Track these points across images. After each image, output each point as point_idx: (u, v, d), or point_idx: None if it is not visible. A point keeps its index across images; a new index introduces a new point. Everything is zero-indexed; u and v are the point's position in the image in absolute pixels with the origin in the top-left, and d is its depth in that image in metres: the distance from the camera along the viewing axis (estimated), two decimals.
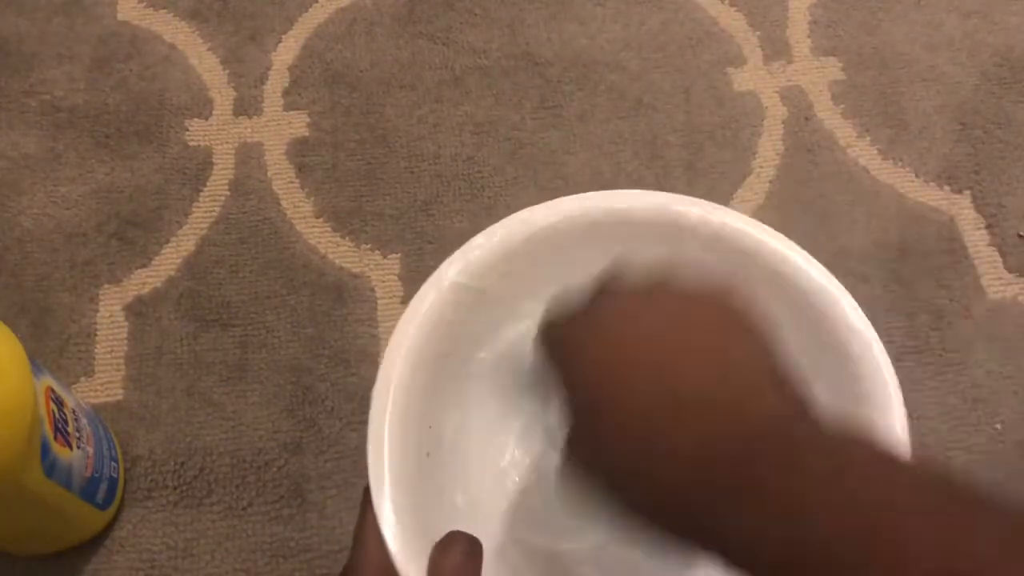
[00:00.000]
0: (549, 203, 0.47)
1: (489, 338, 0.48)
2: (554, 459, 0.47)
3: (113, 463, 0.52)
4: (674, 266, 0.31)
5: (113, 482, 0.51)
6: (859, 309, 0.44)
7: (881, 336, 0.58)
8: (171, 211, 0.63)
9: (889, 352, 0.58)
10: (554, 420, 0.46)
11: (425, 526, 0.38)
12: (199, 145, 0.65)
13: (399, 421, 0.41)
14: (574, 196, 0.47)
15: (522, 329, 0.48)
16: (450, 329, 0.45)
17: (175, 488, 0.53)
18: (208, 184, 0.64)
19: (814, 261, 0.46)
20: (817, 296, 0.45)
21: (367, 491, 0.38)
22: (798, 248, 0.47)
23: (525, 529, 0.46)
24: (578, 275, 0.48)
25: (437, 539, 0.36)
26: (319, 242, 0.61)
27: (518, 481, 0.47)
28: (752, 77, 0.68)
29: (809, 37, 0.70)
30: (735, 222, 0.47)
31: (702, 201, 0.46)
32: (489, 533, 0.45)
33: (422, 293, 0.44)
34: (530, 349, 0.45)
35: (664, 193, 0.47)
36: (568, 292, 0.34)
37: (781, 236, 0.47)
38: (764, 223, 0.63)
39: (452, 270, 0.45)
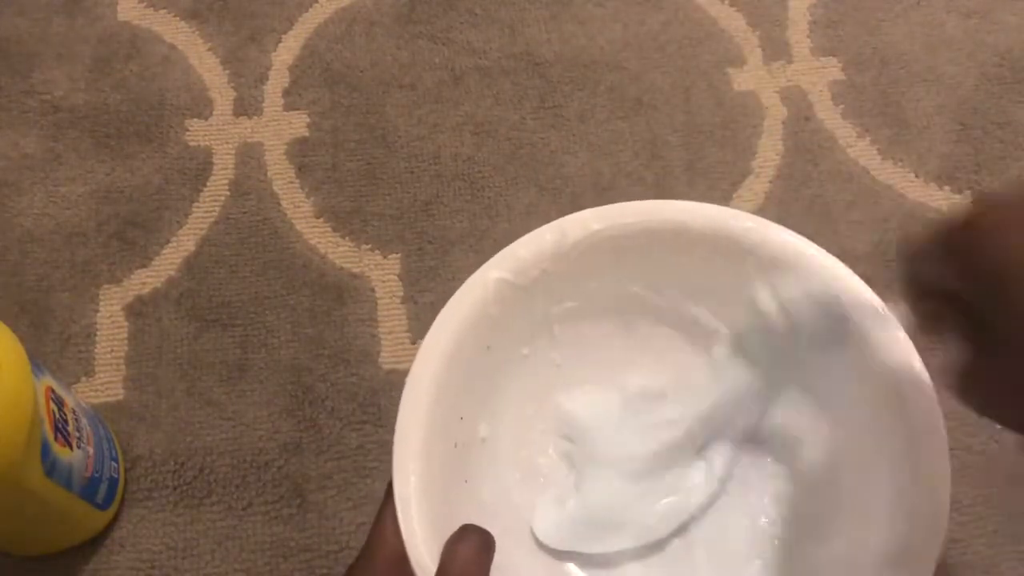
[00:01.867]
0: (602, 208, 0.46)
1: (531, 335, 0.47)
2: (591, 467, 0.46)
3: (113, 463, 0.52)
4: None
5: (113, 482, 0.51)
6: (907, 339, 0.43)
7: None
8: (171, 211, 0.63)
9: None
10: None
11: (444, 515, 0.38)
12: (199, 145, 0.65)
13: (429, 410, 0.40)
14: (631, 203, 0.46)
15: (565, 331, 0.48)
16: (492, 323, 0.44)
17: (175, 488, 0.53)
18: (208, 184, 0.64)
19: (860, 281, 0.45)
20: (861, 314, 0.44)
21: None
22: (846, 268, 0.46)
23: (552, 531, 0.45)
24: (631, 281, 0.48)
25: (452, 526, 0.35)
26: (319, 242, 0.61)
27: (548, 481, 0.46)
28: (752, 77, 0.68)
29: (809, 37, 0.70)
30: (798, 244, 0.46)
31: (760, 219, 0.45)
32: (513, 530, 0.45)
33: (466, 287, 0.43)
34: None
35: (724, 208, 0.46)
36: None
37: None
38: None
39: (498, 267, 0.44)
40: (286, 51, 0.70)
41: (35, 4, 0.71)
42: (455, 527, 0.35)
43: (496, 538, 0.36)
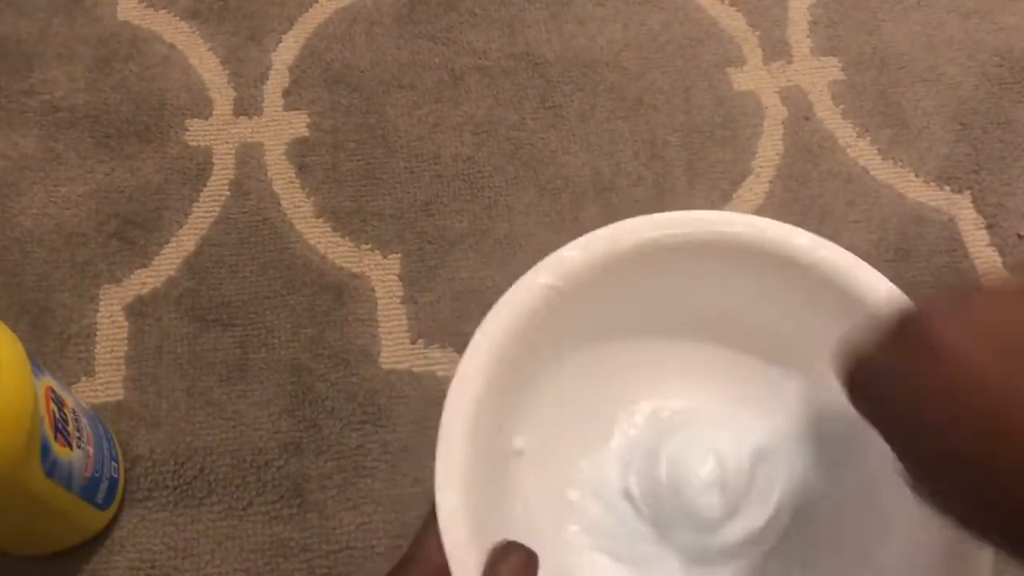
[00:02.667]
0: (649, 216, 0.45)
1: (575, 343, 0.46)
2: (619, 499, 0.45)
3: (113, 463, 0.52)
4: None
5: (113, 482, 0.51)
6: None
7: None
8: (171, 211, 0.63)
9: None
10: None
11: (487, 530, 0.37)
12: (199, 145, 0.65)
13: (474, 419, 0.39)
14: (680, 212, 0.45)
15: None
16: (538, 331, 0.43)
17: (175, 488, 0.53)
18: (208, 184, 0.64)
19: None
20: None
21: None
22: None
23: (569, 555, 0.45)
24: (675, 292, 0.46)
25: (492, 542, 0.35)
26: (319, 242, 0.61)
27: (577, 503, 0.45)
28: (752, 77, 0.68)
29: (809, 37, 0.70)
30: (850, 264, 0.44)
31: (824, 241, 0.43)
32: (550, 544, 0.44)
33: (512, 292, 0.42)
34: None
35: (781, 224, 0.44)
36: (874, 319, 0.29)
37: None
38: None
39: (545, 273, 0.43)
40: (286, 51, 0.70)
41: (35, 4, 0.71)
42: (493, 540, 0.35)
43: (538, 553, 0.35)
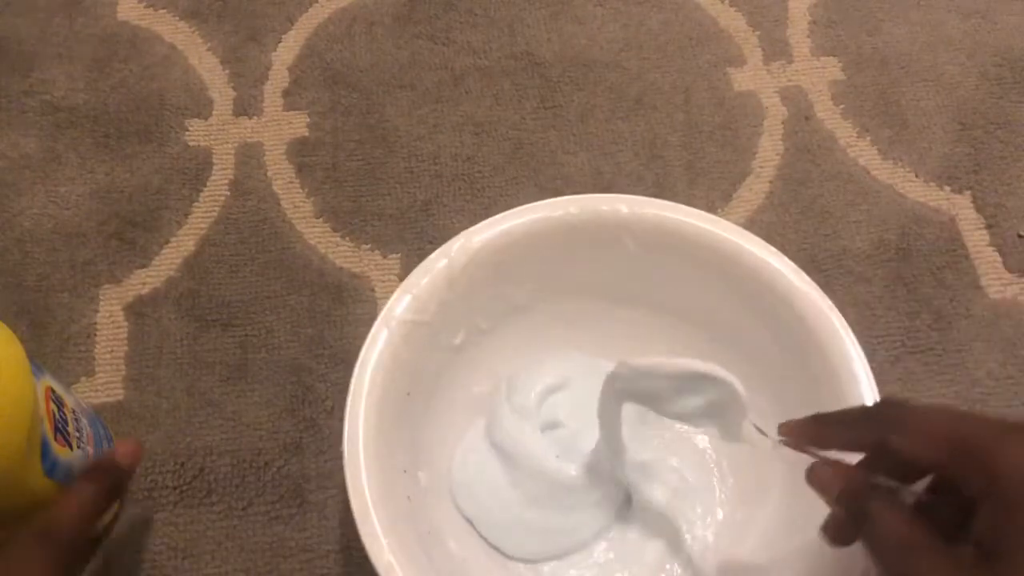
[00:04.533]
0: (483, 223, 0.47)
1: (446, 375, 0.48)
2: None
3: None
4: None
5: None
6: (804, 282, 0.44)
7: (881, 336, 0.59)
8: (171, 211, 0.63)
9: (889, 352, 0.58)
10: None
11: (429, 570, 0.38)
12: (199, 145, 0.65)
13: (378, 471, 0.41)
14: (504, 213, 0.47)
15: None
16: (407, 368, 0.44)
17: (175, 488, 0.53)
18: (208, 184, 0.64)
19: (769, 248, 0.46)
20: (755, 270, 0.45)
21: None
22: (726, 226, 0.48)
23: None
24: (518, 288, 0.48)
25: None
26: (319, 242, 0.61)
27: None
28: (752, 77, 0.68)
29: (809, 37, 0.70)
30: (665, 213, 0.47)
31: (625, 196, 0.47)
32: (487, 567, 0.45)
33: (374, 333, 0.44)
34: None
35: (594, 195, 0.48)
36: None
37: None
38: (764, 223, 0.64)
39: (399, 307, 0.45)
40: (286, 51, 0.70)
41: (35, 4, 0.71)
42: None
43: None
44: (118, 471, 0.43)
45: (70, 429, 0.46)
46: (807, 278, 0.45)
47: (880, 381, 0.43)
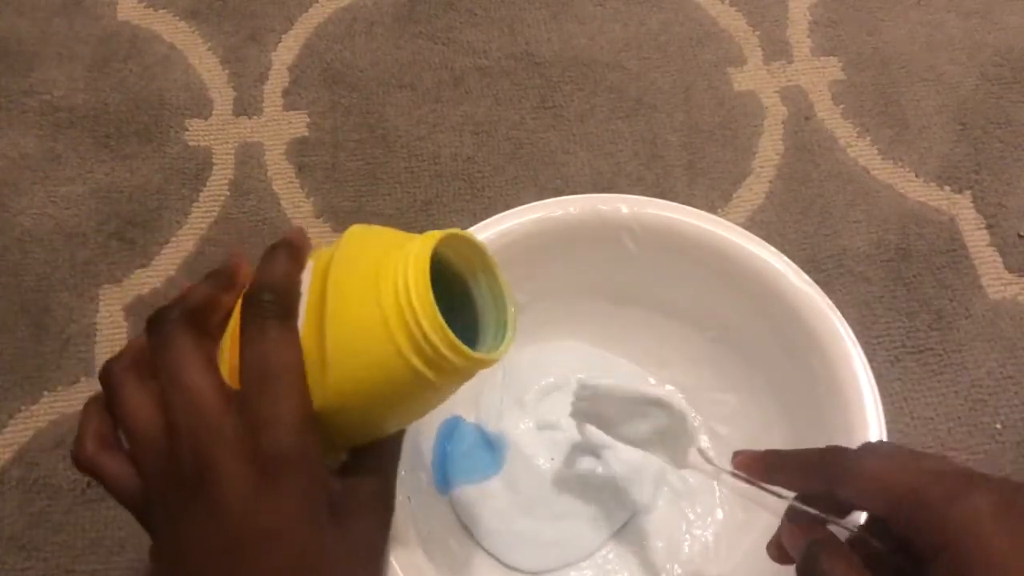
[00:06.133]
0: (483, 223, 0.47)
1: None
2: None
3: None
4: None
5: None
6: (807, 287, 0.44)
7: (881, 336, 0.59)
8: (171, 211, 0.63)
9: (889, 352, 0.58)
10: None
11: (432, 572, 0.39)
12: (199, 145, 0.65)
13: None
14: (504, 213, 0.47)
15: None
16: None
17: None
18: (208, 184, 0.64)
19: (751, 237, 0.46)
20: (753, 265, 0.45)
21: None
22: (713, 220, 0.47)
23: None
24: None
25: None
26: (319, 242, 0.61)
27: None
28: (752, 77, 0.68)
29: (809, 37, 0.70)
30: (665, 213, 0.47)
31: (625, 196, 0.47)
32: (486, 564, 0.45)
33: None
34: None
35: (594, 195, 0.48)
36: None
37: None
38: (764, 223, 0.64)
39: None
40: (286, 51, 0.70)
41: (35, 4, 0.71)
42: None
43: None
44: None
45: None
46: (807, 278, 0.45)
47: (880, 381, 0.43)
